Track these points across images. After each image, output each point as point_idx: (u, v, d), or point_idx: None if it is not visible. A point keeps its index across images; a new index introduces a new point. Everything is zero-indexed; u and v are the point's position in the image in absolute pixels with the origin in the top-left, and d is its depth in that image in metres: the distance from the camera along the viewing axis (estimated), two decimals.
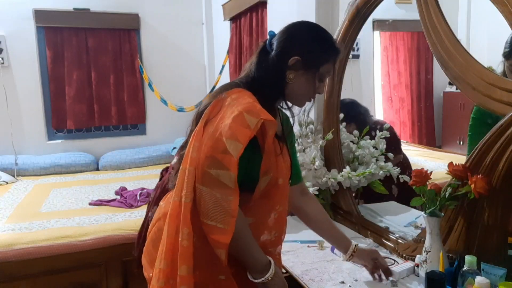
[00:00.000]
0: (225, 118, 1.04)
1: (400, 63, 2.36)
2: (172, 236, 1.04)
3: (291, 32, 1.17)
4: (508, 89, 1.08)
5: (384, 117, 2.38)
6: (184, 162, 1.05)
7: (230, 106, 1.06)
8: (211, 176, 1.00)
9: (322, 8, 1.99)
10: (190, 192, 1.01)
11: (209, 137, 1.03)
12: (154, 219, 1.22)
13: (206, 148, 1.02)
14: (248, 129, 1.01)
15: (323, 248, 1.58)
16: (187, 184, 1.02)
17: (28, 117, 4.11)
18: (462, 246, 1.23)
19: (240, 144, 1.00)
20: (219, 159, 1.00)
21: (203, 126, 1.06)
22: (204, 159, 1.01)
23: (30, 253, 2.26)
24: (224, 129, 1.01)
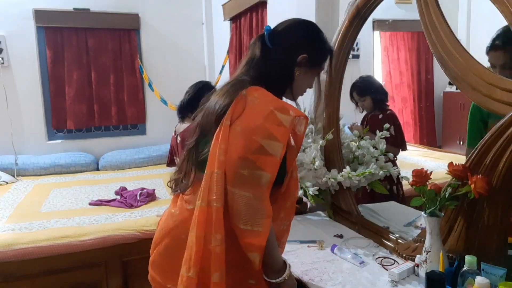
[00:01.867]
0: (254, 118, 1.02)
1: (401, 63, 2.36)
2: (201, 243, 1.00)
3: (299, 30, 1.20)
4: (508, 89, 1.08)
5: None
6: (211, 165, 1.02)
7: (255, 106, 1.05)
8: (244, 177, 0.99)
9: (322, 8, 1.99)
10: (220, 197, 0.99)
11: (239, 138, 1.00)
12: (166, 228, 1.16)
13: (237, 148, 1.00)
14: (283, 127, 1.01)
15: (323, 248, 1.58)
16: (216, 188, 0.99)
17: (28, 117, 4.11)
18: (462, 246, 1.23)
19: (281, 144, 1.00)
20: (253, 160, 0.99)
21: (228, 126, 1.03)
22: (236, 160, 0.99)
23: (30, 253, 2.26)
24: (258, 129, 1.00)
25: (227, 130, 1.02)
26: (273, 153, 0.99)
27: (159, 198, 3.11)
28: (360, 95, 2.12)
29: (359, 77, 2.16)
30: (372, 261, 1.46)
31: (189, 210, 1.09)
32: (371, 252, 1.54)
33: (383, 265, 1.42)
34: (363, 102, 2.13)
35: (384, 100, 2.14)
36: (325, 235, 1.72)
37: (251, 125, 1.01)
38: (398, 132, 1.97)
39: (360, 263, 1.43)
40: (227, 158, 1.00)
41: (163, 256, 1.16)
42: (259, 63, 1.17)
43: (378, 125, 1.92)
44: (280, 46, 1.17)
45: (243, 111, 1.04)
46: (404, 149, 2.07)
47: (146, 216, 2.68)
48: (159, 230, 1.20)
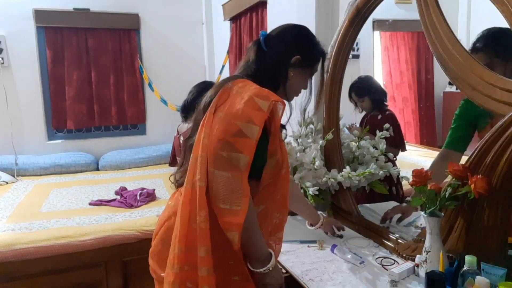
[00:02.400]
0: (235, 104, 1.08)
1: (402, 63, 2.36)
2: (186, 222, 1.05)
3: (292, 34, 1.28)
4: (508, 89, 1.08)
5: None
6: (196, 149, 1.08)
7: (238, 94, 1.11)
8: (223, 158, 1.03)
9: (322, 8, 1.99)
10: (204, 176, 1.04)
11: (220, 122, 1.07)
12: (162, 219, 1.23)
13: (218, 132, 1.05)
14: (261, 111, 1.05)
15: (323, 248, 1.58)
16: (200, 169, 1.04)
17: (28, 117, 4.11)
18: (462, 246, 1.23)
19: (257, 127, 1.04)
20: (232, 142, 1.03)
21: (212, 113, 1.10)
22: (216, 143, 1.04)
23: (30, 253, 2.27)
24: (237, 113, 1.05)
25: (212, 116, 1.10)
26: (250, 136, 1.04)
27: (159, 198, 3.11)
28: (358, 96, 2.13)
29: (357, 78, 2.16)
30: (372, 261, 1.46)
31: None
32: (371, 252, 1.54)
33: (383, 265, 1.42)
34: (361, 103, 2.14)
35: (383, 101, 2.14)
36: (325, 235, 1.72)
37: (232, 110, 1.08)
38: (397, 132, 1.97)
39: (360, 263, 1.43)
40: (209, 141, 1.06)
41: (160, 245, 1.20)
42: (254, 64, 1.22)
43: (377, 125, 1.92)
44: (274, 48, 1.23)
45: (227, 99, 1.12)
46: (403, 150, 2.07)
47: (146, 216, 2.68)
48: (158, 222, 1.25)
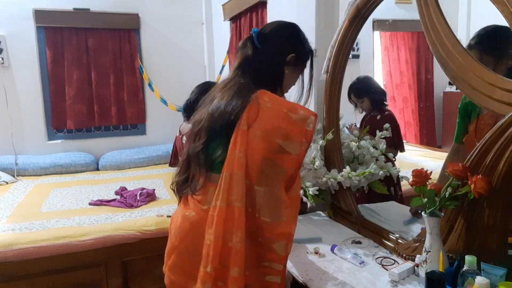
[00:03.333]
0: (270, 120, 1.11)
1: (402, 63, 2.36)
2: (220, 241, 1.07)
3: (285, 32, 1.30)
4: (508, 89, 1.08)
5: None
6: (229, 166, 1.09)
7: (268, 109, 1.13)
8: (266, 175, 1.08)
9: (322, 8, 1.99)
10: (242, 196, 1.06)
11: (260, 141, 1.09)
12: (184, 230, 1.18)
13: (260, 151, 1.08)
14: (297, 126, 1.11)
15: (320, 255, 1.54)
16: (237, 188, 1.06)
17: (28, 117, 4.11)
18: (462, 246, 1.23)
19: (297, 142, 1.10)
20: (273, 159, 1.08)
21: (246, 131, 1.10)
22: (259, 161, 1.08)
23: (30, 253, 2.26)
24: (276, 131, 1.09)
25: (245, 134, 1.10)
26: (290, 151, 1.09)
27: (159, 198, 3.11)
28: (357, 97, 2.12)
29: (356, 78, 2.16)
30: (372, 261, 1.46)
31: (204, 210, 1.14)
32: (371, 252, 1.54)
33: (383, 265, 1.42)
34: (361, 104, 2.14)
35: (382, 101, 2.14)
36: (325, 235, 1.72)
37: (268, 127, 1.10)
38: (395, 133, 1.97)
39: (360, 263, 1.43)
40: (249, 160, 1.08)
41: (184, 257, 1.19)
42: (252, 64, 1.23)
43: (377, 125, 1.92)
44: (269, 46, 1.24)
45: (257, 114, 1.12)
46: (402, 151, 2.06)
47: (146, 216, 2.68)
48: (176, 234, 1.21)
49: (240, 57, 1.26)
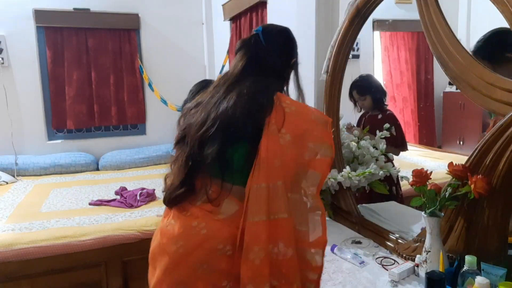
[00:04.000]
0: (299, 124, 1.08)
1: (402, 63, 2.36)
2: (268, 257, 1.00)
3: (289, 37, 1.31)
4: (508, 89, 1.08)
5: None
6: (265, 177, 1.02)
7: (293, 113, 1.09)
8: (298, 181, 1.05)
9: (322, 8, 1.99)
10: (286, 206, 1.02)
11: (292, 147, 1.04)
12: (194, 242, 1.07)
13: (293, 156, 1.04)
14: (325, 129, 1.09)
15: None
16: (281, 198, 1.01)
17: (28, 117, 4.11)
18: (462, 246, 1.23)
19: (329, 145, 1.08)
20: (306, 163, 1.05)
21: (277, 136, 1.05)
22: (293, 167, 1.04)
23: (30, 253, 2.26)
24: (306, 135, 1.06)
25: (277, 139, 1.03)
26: (323, 154, 1.06)
27: (159, 198, 3.10)
28: (360, 94, 2.12)
29: (358, 76, 2.16)
30: (372, 261, 1.46)
31: (220, 221, 1.07)
32: (371, 252, 1.54)
33: (383, 265, 1.42)
34: (362, 102, 2.13)
35: (384, 100, 2.14)
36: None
37: (298, 132, 1.06)
38: (398, 132, 1.97)
39: (360, 263, 1.43)
40: (284, 167, 1.02)
41: (195, 270, 1.07)
42: (259, 64, 1.20)
43: (378, 125, 1.92)
44: (274, 48, 1.22)
45: (284, 118, 1.07)
46: (405, 150, 2.06)
47: (146, 216, 2.68)
48: (182, 246, 1.08)
49: (246, 55, 1.20)
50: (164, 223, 1.16)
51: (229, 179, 1.09)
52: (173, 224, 1.12)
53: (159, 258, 1.13)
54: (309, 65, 2.05)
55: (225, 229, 1.06)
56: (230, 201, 1.09)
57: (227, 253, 1.06)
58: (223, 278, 1.07)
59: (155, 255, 1.16)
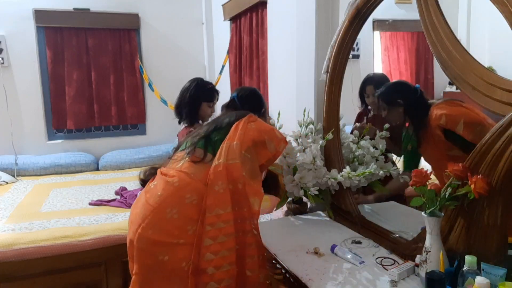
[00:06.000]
0: (264, 125, 1.57)
1: (402, 63, 2.36)
2: (229, 187, 1.36)
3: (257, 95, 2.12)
4: (508, 89, 1.08)
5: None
6: (230, 139, 1.43)
7: (262, 122, 1.59)
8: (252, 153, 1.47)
9: (322, 8, 1.99)
10: (239, 156, 1.40)
11: (255, 130, 1.49)
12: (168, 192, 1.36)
13: (253, 134, 1.47)
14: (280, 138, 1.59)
15: (321, 255, 1.55)
16: (236, 150, 1.41)
17: (28, 117, 4.11)
18: (462, 246, 1.23)
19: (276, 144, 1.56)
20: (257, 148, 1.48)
21: (247, 123, 1.50)
22: (250, 140, 1.45)
23: (30, 253, 2.26)
24: (266, 131, 1.54)
25: (246, 124, 1.49)
26: (269, 148, 1.50)
27: None
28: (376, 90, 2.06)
29: (372, 73, 2.19)
30: (372, 261, 1.46)
31: (191, 177, 1.38)
32: (371, 252, 1.54)
33: (383, 265, 1.42)
34: (375, 99, 2.07)
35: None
36: (325, 235, 1.72)
37: (262, 128, 1.53)
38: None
39: (360, 263, 1.43)
40: (245, 137, 1.45)
41: (167, 214, 1.32)
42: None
43: (383, 124, 1.89)
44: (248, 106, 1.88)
45: (255, 120, 1.55)
46: None
47: None
48: (160, 195, 1.35)
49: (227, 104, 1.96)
50: (148, 185, 1.46)
51: (209, 149, 1.47)
52: (156, 183, 1.43)
53: (142, 209, 1.37)
54: (309, 65, 2.05)
55: (193, 183, 1.37)
56: (203, 165, 1.41)
57: (193, 202, 1.33)
58: (188, 223, 1.32)
59: (136, 212, 1.40)
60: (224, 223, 1.32)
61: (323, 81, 1.95)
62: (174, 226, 1.32)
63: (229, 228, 1.33)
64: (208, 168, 1.40)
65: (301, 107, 2.04)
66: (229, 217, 1.33)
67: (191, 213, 1.33)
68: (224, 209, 1.33)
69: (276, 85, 3.00)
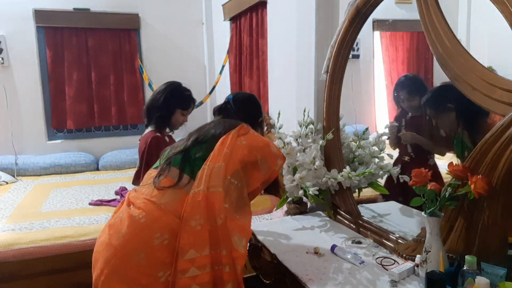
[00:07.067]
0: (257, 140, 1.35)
1: (402, 63, 2.36)
2: (208, 222, 1.14)
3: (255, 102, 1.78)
4: (508, 89, 1.08)
5: (389, 117, 2.36)
6: (213, 160, 1.22)
7: (255, 134, 1.40)
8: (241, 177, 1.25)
9: (322, 8, 1.99)
10: (222, 183, 1.19)
11: (245, 148, 1.27)
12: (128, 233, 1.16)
13: (243, 153, 1.26)
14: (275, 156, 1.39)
15: (321, 255, 1.55)
16: (219, 176, 1.20)
17: (28, 117, 4.11)
18: (462, 246, 1.23)
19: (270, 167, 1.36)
20: (247, 170, 1.27)
21: (236, 137, 1.29)
22: (239, 161, 1.24)
23: (30, 253, 2.26)
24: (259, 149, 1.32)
25: (234, 139, 1.27)
26: (262, 169, 1.28)
27: None
28: (409, 95, 2.03)
29: (403, 76, 2.17)
30: (372, 261, 1.46)
31: (161, 209, 1.17)
32: (371, 252, 1.54)
33: (383, 265, 1.42)
34: (410, 102, 2.06)
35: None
36: (325, 235, 1.72)
37: (254, 144, 1.30)
38: (448, 133, 1.90)
39: (360, 263, 1.43)
40: (231, 158, 1.22)
41: (132, 259, 1.13)
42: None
43: (424, 126, 1.87)
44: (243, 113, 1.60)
45: (247, 132, 1.34)
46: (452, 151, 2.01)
47: None
48: (123, 235, 1.16)
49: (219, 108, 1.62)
50: (113, 218, 1.27)
51: (187, 169, 1.25)
52: (121, 216, 1.22)
53: (104, 251, 1.20)
54: (309, 65, 2.05)
55: (164, 218, 1.15)
56: (178, 191, 1.20)
57: (164, 242, 1.12)
58: (159, 269, 1.11)
59: (99, 250, 1.23)
60: (199, 270, 1.10)
61: (323, 81, 1.95)
62: (141, 273, 1.11)
63: (204, 276, 1.10)
64: (183, 195, 1.17)
65: (301, 107, 2.04)
66: (205, 261, 1.11)
67: (162, 256, 1.12)
68: (200, 251, 1.10)
69: (276, 85, 3.00)
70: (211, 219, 1.13)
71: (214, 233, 1.13)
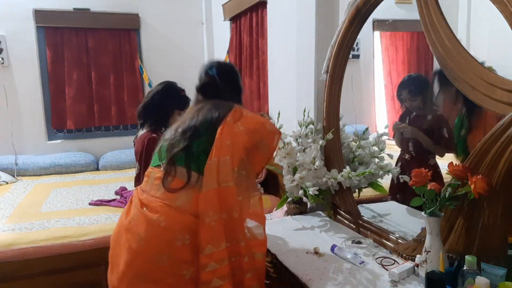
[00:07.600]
0: (253, 122, 1.35)
1: (402, 63, 2.36)
2: (222, 218, 1.18)
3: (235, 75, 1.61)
4: (508, 89, 1.08)
5: (387, 117, 2.36)
6: (217, 153, 1.22)
7: (250, 115, 1.37)
8: (245, 164, 1.26)
9: (322, 8, 1.99)
10: (232, 176, 1.21)
11: (244, 134, 1.28)
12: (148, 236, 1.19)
13: (244, 141, 1.27)
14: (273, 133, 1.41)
15: (321, 255, 1.56)
16: (227, 170, 1.22)
17: (28, 117, 4.11)
18: (462, 246, 1.23)
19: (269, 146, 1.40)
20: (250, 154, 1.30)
21: (232, 124, 1.28)
22: (242, 149, 1.25)
23: (30, 253, 2.26)
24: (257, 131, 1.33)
25: (232, 126, 1.26)
26: (262, 151, 1.32)
27: None
28: (412, 95, 2.04)
29: (407, 76, 2.14)
30: (372, 261, 1.46)
31: (177, 210, 1.20)
32: (371, 252, 1.54)
33: (383, 265, 1.42)
34: (412, 102, 2.06)
35: (432, 100, 2.09)
36: (325, 235, 1.72)
37: (251, 127, 1.30)
38: (449, 133, 1.91)
39: (360, 263, 1.43)
40: (234, 148, 1.23)
41: (155, 261, 1.18)
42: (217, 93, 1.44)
43: (426, 125, 1.87)
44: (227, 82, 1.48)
45: (242, 116, 1.31)
46: (452, 152, 2.01)
47: None
48: (143, 239, 1.19)
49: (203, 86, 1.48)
50: (126, 220, 1.27)
51: (193, 166, 1.25)
52: (135, 219, 1.23)
53: (125, 254, 1.21)
54: (309, 65, 2.05)
55: (183, 219, 1.18)
56: (190, 190, 1.22)
57: (186, 242, 1.17)
58: (183, 267, 1.16)
59: (118, 253, 1.25)
60: (218, 263, 1.14)
61: (323, 81, 1.95)
62: (167, 273, 1.16)
63: (224, 269, 1.15)
64: (196, 193, 1.20)
65: (301, 107, 2.04)
66: (223, 255, 1.15)
67: (184, 255, 1.16)
68: (217, 246, 1.15)
69: (276, 85, 3.00)
70: (226, 213, 1.17)
71: (230, 226, 1.18)
